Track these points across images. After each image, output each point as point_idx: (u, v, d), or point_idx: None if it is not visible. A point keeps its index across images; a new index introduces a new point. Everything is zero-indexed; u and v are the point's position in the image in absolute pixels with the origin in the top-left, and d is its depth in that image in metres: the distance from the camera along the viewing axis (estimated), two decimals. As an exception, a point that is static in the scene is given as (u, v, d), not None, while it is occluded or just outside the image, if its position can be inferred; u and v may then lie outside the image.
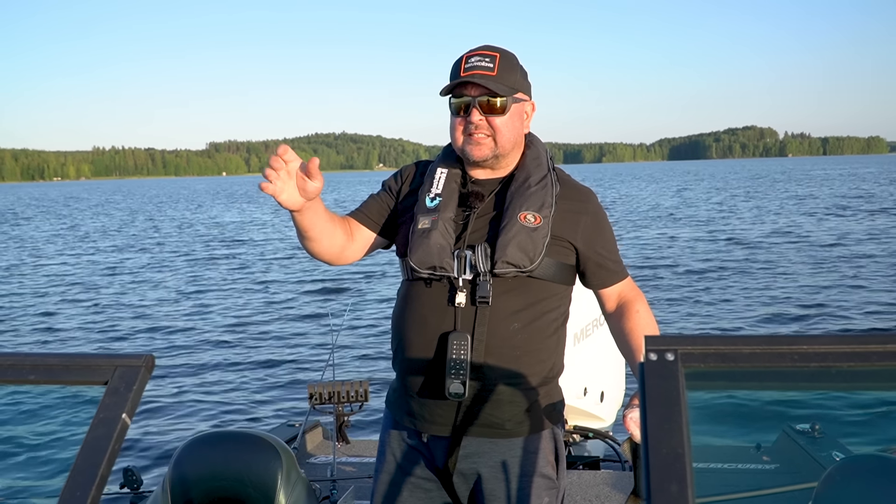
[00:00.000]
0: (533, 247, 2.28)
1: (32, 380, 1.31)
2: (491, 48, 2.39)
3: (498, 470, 2.35)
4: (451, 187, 2.45)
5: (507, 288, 2.31)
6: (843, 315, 13.07)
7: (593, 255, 2.40)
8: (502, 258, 2.27)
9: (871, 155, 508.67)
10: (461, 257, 2.33)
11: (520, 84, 2.40)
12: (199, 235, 34.87)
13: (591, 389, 4.94)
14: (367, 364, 10.75)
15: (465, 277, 2.31)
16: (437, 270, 2.34)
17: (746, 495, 4.09)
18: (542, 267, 2.31)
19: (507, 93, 2.34)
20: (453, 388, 2.29)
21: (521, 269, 2.28)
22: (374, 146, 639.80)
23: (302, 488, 2.64)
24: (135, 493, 4.19)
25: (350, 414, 5.22)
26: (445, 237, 2.35)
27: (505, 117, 2.35)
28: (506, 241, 2.28)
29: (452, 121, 2.42)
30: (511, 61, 2.39)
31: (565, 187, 2.43)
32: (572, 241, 2.37)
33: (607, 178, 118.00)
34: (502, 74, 2.34)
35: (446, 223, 2.37)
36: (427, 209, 2.42)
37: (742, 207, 40.66)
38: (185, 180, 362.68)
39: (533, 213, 2.31)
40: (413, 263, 2.36)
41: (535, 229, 2.29)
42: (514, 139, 2.40)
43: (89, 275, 21.83)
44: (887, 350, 1.12)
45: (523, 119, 2.43)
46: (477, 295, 2.30)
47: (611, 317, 2.47)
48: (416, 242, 2.38)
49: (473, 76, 2.32)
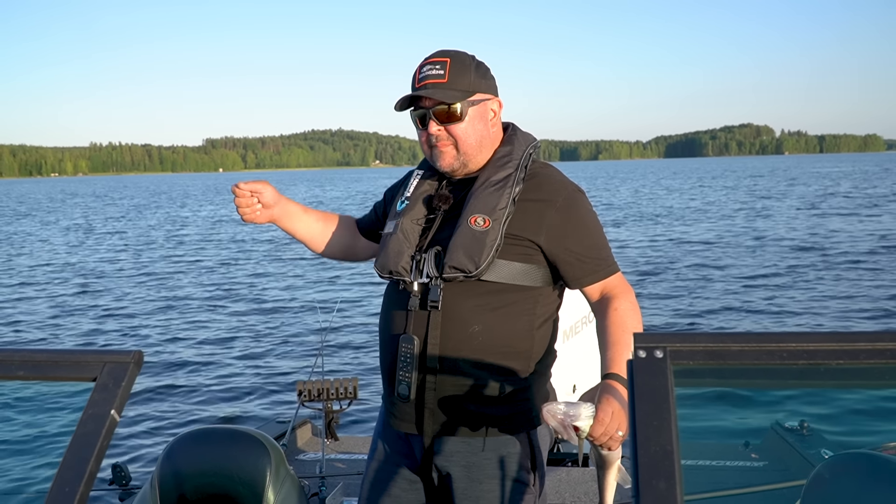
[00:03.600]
0: (479, 250, 2.24)
1: (21, 376, 1.30)
2: (442, 53, 2.35)
3: (468, 470, 2.33)
4: (422, 191, 2.45)
5: (461, 290, 2.29)
6: (831, 313, 13.12)
7: (562, 254, 2.31)
8: (449, 262, 2.26)
9: (868, 153, 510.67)
10: (417, 261, 2.34)
11: (476, 85, 2.35)
12: (189, 232, 34.80)
13: (581, 387, 4.95)
14: (356, 361, 10.75)
15: (419, 281, 2.32)
16: (393, 275, 2.37)
17: (735, 493, 4.10)
18: (494, 270, 2.26)
19: (460, 98, 2.30)
20: (400, 389, 2.34)
21: (467, 273, 2.25)
22: (371, 143, 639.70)
23: (291, 485, 2.64)
24: (123, 489, 4.18)
25: (339, 411, 5.22)
26: (404, 242, 2.37)
27: (464, 123, 2.32)
28: (453, 246, 2.27)
29: (418, 133, 2.41)
30: (462, 63, 2.34)
31: (533, 184, 2.36)
32: (534, 240, 2.30)
33: (608, 176, 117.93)
34: (454, 79, 2.30)
35: (408, 227, 2.39)
36: (395, 213, 2.45)
37: (743, 206, 40.77)
38: (182, 176, 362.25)
39: (483, 216, 2.27)
40: (375, 267, 2.44)
41: (484, 233, 2.25)
42: (478, 142, 2.36)
43: (78, 270, 21.76)
44: (876, 348, 1.13)
45: (487, 119, 2.38)
46: (428, 299, 2.30)
47: (594, 313, 2.40)
48: (380, 247, 2.45)
49: (425, 86, 2.30)
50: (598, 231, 2.39)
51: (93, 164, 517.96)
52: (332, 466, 4.77)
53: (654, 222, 32.56)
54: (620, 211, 39.51)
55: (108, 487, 4.26)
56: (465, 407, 2.32)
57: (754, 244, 23.28)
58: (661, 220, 33.88)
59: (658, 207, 41.75)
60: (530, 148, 2.44)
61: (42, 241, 31.93)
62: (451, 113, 2.31)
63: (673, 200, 47.95)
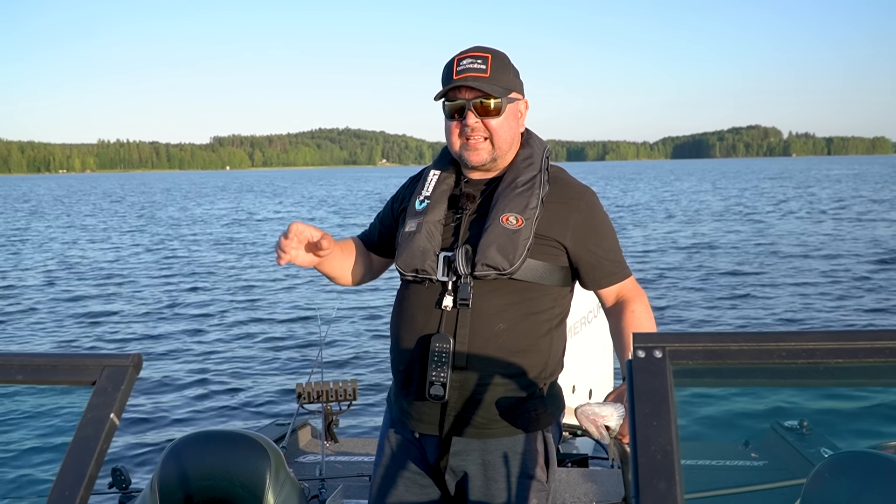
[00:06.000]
0: (513, 249, 2.27)
1: (20, 380, 1.30)
2: (482, 49, 2.38)
3: (485, 469, 2.35)
4: (442, 189, 2.46)
5: (491, 289, 2.31)
6: (830, 312, 13.12)
7: (585, 255, 2.37)
8: (482, 260, 2.27)
9: (876, 155, 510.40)
10: (445, 259, 2.34)
11: (513, 83, 2.39)
12: (188, 234, 34.76)
13: (580, 387, 4.94)
14: (356, 363, 10.75)
15: (445, 279, 2.33)
16: (419, 273, 2.36)
17: (735, 492, 4.10)
18: (524, 269, 2.29)
19: (502, 94, 2.33)
20: (433, 391, 2.31)
21: (500, 272, 2.27)
22: (378, 142, 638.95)
23: (290, 487, 2.63)
24: (123, 492, 4.17)
25: (339, 413, 5.21)
26: (430, 240, 2.36)
27: (501, 118, 2.35)
28: (486, 244, 2.28)
29: (448, 125, 2.41)
30: (503, 61, 2.38)
31: (557, 186, 2.40)
32: (561, 241, 2.34)
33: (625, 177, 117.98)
34: (495, 75, 2.34)
35: (432, 226, 2.39)
36: (415, 212, 2.44)
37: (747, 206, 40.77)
38: (189, 174, 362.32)
39: (515, 215, 2.30)
40: (398, 266, 2.42)
41: (517, 231, 2.28)
42: (511, 139, 2.40)
43: (77, 273, 21.72)
44: (875, 346, 1.13)
45: (518, 118, 2.42)
46: (458, 297, 2.30)
47: (608, 315, 2.46)
48: (402, 245, 2.42)
49: (467, 79, 2.32)
50: (614, 234, 2.46)
51: (100, 161, 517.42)
52: (332, 468, 4.76)
53: (655, 221, 32.57)
54: (635, 213, 39.50)
55: (108, 491, 4.24)
56: (486, 405, 2.33)
57: (756, 244, 23.28)
58: (667, 220, 33.88)
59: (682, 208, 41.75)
60: (546, 151, 2.49)
61: (41, 242, 31.88)
62: (491, 107, 2.33)
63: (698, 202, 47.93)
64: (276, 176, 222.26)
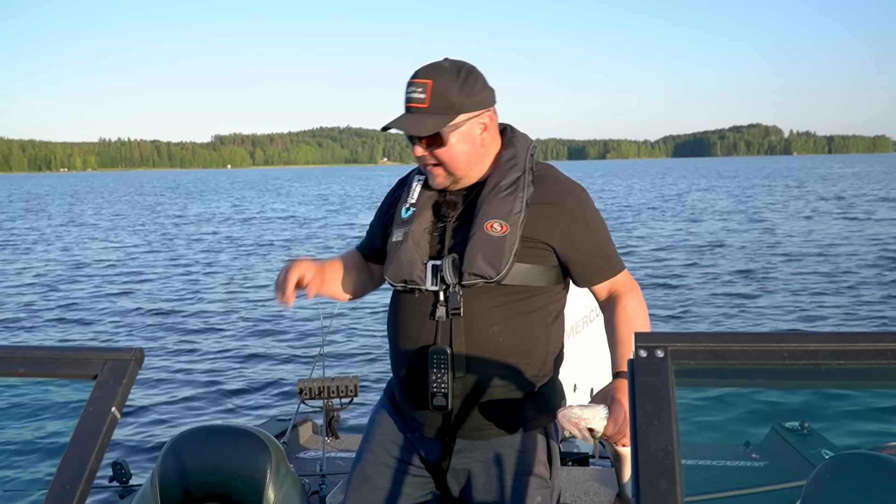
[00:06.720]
0: (499, 256, 2.23)
1: (22, 373, 1.30)
2: (426, 73, 2.27)
3: (488, 467, 2.35)
4: (427, 196, 2.41)
5: (480, 295, 2.28)
6: (833, 314, 13.11)
7: (574, 254, 2.32)
8: (468, 269, 2.24)
9: (877, 154, 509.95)
10: (433, 268, 2.31)
11: (460, 105, 2.26)
12: (190, 230, 34.78)
13: (581, 386, 4.95)
14: (357, 360, 10.75)
15: (434, 289, 2.30)
16: (408, 283, 2.33)
17: (735, 493, 4.10)
18: (513, 274, 2.26)
19: (439, 125, 2.24)
20: (436, 402, 2.30)
21: (487, 280, 2.25)
22: (379, 140, 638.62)
23: (291, 483, 2.63)
24: (124, 486, 4.18)
25: (340, 409, 5.22)
26: (416, 249, 2.33)
27: (446, 147, 2.28)
28: (472, 253, 2.24)
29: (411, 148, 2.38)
30: (444, 84, 2.25)
31: (543, 186, 2.35)
32: (548, 242, 2.30)
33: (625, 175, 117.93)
34: (435, 103, 2.24)
35: (418, 234, 2.35)
36: (401, 221, 2.40)
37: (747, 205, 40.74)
38: (191, 172, 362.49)
39: (500, 222, 2.25)
40: (387, 277, 2.39)
41: (502, 238, 2.24)
42: (467, 162, 2.32)
43: (79, 267, 21.75)
44: (876, 348, 1.12)
45: (475, 137, 2.31)
46: (449, 306, 2.28)
47: (602, 310, 2.42)
48: (390, 256, 2.39)
49: (401, 119, 2.27)
50: (604, 230, 2.40)
51: (102, 160, 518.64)
52: (332, 464, 4.76)
53: (655, 220, 32.55)
54: (636, 211, 39.49)
55: (109, 485, 4.26)
56: (488, 407, 2.32)
57: (758, 245, 23.26)
58: (667, 219, 33.86)
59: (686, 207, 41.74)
60: (531, 149, 2.42)
61: (43, 236, 31.92)
62: (434, 138, 2.27)
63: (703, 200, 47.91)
64: (278, 174, 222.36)
